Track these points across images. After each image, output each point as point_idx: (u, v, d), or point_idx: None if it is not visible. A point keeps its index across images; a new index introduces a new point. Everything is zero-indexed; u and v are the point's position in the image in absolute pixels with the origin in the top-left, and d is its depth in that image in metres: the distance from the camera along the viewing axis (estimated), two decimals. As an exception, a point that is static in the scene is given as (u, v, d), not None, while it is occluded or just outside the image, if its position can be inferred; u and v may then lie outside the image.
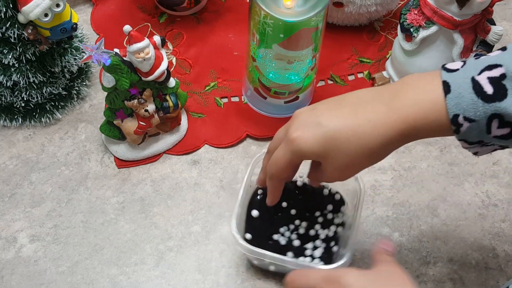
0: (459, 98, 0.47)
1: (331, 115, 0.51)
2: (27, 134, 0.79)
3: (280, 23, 0.67)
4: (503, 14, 0.94)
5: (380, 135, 0.49)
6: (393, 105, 0.49)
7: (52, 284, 0.67)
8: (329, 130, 0.50)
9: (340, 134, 0.50)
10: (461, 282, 0.69)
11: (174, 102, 0.74)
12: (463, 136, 0.48)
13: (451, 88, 0.47)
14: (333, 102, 0.53)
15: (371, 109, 0.50)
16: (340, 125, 0.50)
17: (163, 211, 0.73)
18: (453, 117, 0.47)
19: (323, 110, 0.52)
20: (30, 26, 0.69)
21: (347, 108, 0.51)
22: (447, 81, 0.48)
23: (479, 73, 0.47)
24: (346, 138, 0.50)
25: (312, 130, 0.51)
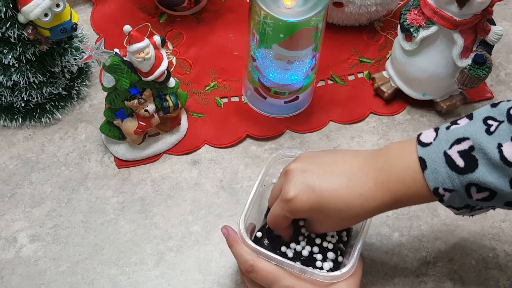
0: (436, 173, 0.51)
1: (324, 181, 0.55)
2: (27, 134, 0.79)
3: (280, 23, 0.67)
4: (503, 14, 0.94)
5: (369, 208, 0.55)
6: (379, 181, 0.54)
7: (52, 284, 0.68)
8: (323, 197, 0.55)
9: (333, 204, 0.55)
10: (461, 282, 0.69)
11: (174, 102, 0.74)
12: (448, 203, 0.53)
13: (427, 164, 0.51)
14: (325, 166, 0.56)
15: (361, 184, 0.54)
16: (333, 195, 0.55)
17: (163, 211, 0.73)
18: (434, 190, 0.52)
19: (316, 174, 0.56)
20: (30, 26, 0.69)
21: (340, 177, 0.55)
22: (423, 157, 0.52)
23: (449, 147, 0.51)
24: (338, 209, 0.55)
25: (307, 194, 0.55)
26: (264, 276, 0.57)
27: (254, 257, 0.58)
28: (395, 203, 0.54)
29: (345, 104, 0.83)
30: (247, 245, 0.59)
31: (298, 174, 0.56)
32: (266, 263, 0.58)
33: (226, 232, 0.61)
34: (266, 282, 0.57)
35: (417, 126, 0.82)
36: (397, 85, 0.82)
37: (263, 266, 0.57)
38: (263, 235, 0.63)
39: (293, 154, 0.65)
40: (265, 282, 0.57)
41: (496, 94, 0.85)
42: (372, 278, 0.69)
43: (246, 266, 0.58)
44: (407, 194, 0.53)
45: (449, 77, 0.77)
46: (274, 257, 0.58)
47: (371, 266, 0.70)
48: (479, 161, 0.49)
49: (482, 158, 0.49)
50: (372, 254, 0.70)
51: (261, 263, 0.58)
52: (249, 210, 0.61)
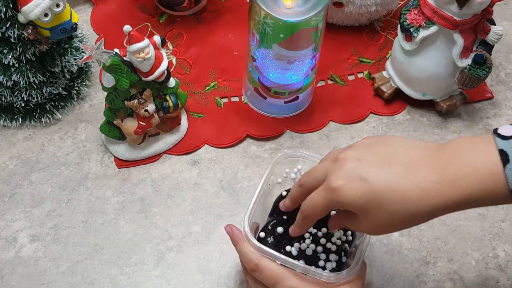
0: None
1: (379, 172, 0.49)
2: (27, 134, 0.79)
3: (280, 23, 0.67)
4: (503, 14, 0.94)
5: (429, 204, 0.47)
6: (446, 174, 0.47)
7: (52, 284, 0.68)
8: (376, 188, 0.48)
9: (387, 195, 0.48)
10: (461, 282, 0.69)
11: (174, 102, 0.74)
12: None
13: (510, 157, 0.45)
14: (381, 156, 0.50)
15: (423, 175, 0.48)
16: (389, 186, 0.48)
17: (163, 211, 0.73)
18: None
19: (371, 163, 0.50)
20: (30, 26, 0.69)
21: (397, 168, 0.48)
22: (504, 150, 0.45)
23: None
24: (394, 201, 0.48)
25: (358, 184, 0.49)
26: (268, 275, 0.57)
27: (259, 256, 0.57)
28: (463, 201, 0.46)
29: (345, 104, 0.83)
30: (252, 244, 0.58)
31: (351, 162, 0.50)
32: (270, 262, 0.57)
33: (230, 230, 0.60)
34: (270, 281, 0.57)
35: (417, 126, 0.82)
36: (397, 85, 0.82)
37: (267, 265, 0.57)
38: (266, 234, 0.63)
39: (298, 154, 0.65)
40: (269, 282, 0.57)
41: (496, 94, 0.85)
42: (372, 278, 0.69)
43: (250, 265, 0.57)
44: (480, 191, 0.46)
45: (449, 77, 0.77)
46: (278, 256, 0.57)
47: (371, 266, 0.70)
48: None
49: None
50: (372, 254, 0.70)
51: (266, 262, 0.57)
52: (253, 209, 0.61)
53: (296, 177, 0.67)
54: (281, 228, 0.63)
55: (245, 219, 0.60)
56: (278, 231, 0.63)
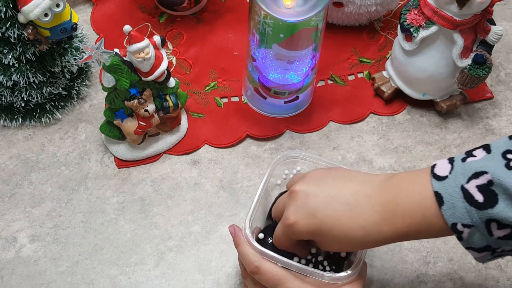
0: (453, 208, 0.49)
1: (327, 210, 0.54)
2: (27, 134, 0.79)
3: (280, 23, 0.67)
4: (503, 14, 0.94)
5: (370, 241, 0.53)
6: (385, 215, 0.52)
7: (52, 284, 0.67)
8: (323, 225, 0.54)
9: (333, 232, 0.54)
10: (461, 282, 0.69)
11: (174, 102, 0.74)
12: (467, 243, 0.50)
13: (444, 199, 0.49)
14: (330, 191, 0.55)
15: (365, 215, 0.53)
16: (334, 224, 0.54)
17: (163, 211, 0.73)
18: (452, 225, 0.49)
19: (320, 200, 0.54)
20: (30, 26, 0.69)
21: (342, 206, 0.54)
22: (439, 192, 0.49)
23: (467, 181, 0.49)
24: (338, 237, 0.54)
25: (307, 219, 0.54)
26: (270, 277, 0.57)
27: (260, 258, 0.58)
28: (400, 237, 0.52)
29: (345, 104, 0.83)
30: (253, 246, 0.59)
31: (301, 197, 0.55)
32: (271, 265, 0.58)
33: (234, 231, 0.61)
34: (271, 284, 0.57)
35: (417, 126, 0.82)
36: (397, 85, 0.82)
37: (268, 268, 0.57)
38: (265, 235, 0.63)
39: (297, 155, 0.65)
40: (270, 284, 0.57)
41: (496, 94, 0.85)
42: (372, 278, 0.69)
43: (251, 267, 0.58)
44: (416, 229, 0.51)
45: (449, 77, 0.77)
46: (280, 259, 0.58)
47: (371, 266, 0.70)
48: (499, 196, 0.47)
49: (502, 193, 0.47)
50: (372, 254, 0.70)
51: (267, 264, 0.58)
52: (254, 211, 0.61)
53: None
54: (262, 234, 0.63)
55: (246, 222, 0.60)
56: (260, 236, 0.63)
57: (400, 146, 0.79)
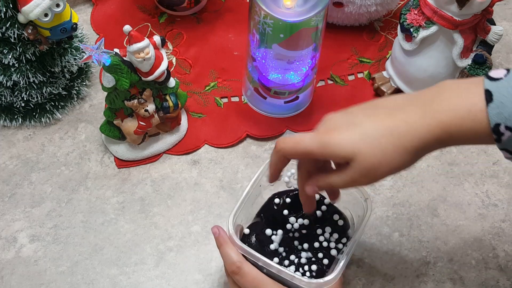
0: (501, 108, 0.46)
1: (366, 116, 0.51)
2: (27, 134, 0.79)
3: (280, 23, 0.67)
4: (503, 14, 0.94)
5: (415, 136, 0.49)
6: (429, 109, 0.49)
7: (52, 284, 0.68)
8: (365, 128, 0.50)
9: (376, 132, 0.50)
10: (461, 282, 0.69)
11: (174, 102, 0.74)
12: (504, 145, 0.48)
13: (493, 97, 0.47)
14: (367, 105, 0.53)
15: (408, 111, 0.50)
16: (376, 124, 0.50)
17: (163, 211, 0.73)
18: (495, 126, 0.47)
19: (358, 112, 0.52)
20: (30, 26, 0.69)
21: (383, 110, 0.51)
22: (490, 90, 0.47)
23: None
24: (382, 135, 0.49)
25: (347, 128, 0.50)
26: (249, 280, 0.57)
27: (241, 260, 0.58)
28: (444, 135, 0.48)
29: (345, 104, 0.83)
30: (236, 244, 0.59)
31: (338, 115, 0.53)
32: (252, 268, 0.58)
33: (217, 232, 0.61)
34: (249, 287, 0.57)
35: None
36: (397, 85, 0.82)
37: (248, 270, 0.58)
38: (251, 232, 0.63)
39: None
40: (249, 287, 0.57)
41: (496, 94, 0.85)
42: (372, 278, 0.69)
43: (232, 267, 0.58)
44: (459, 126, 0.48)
45: (449, 77, 0.77)
46: (261, 258, 0.58)
47: (371, 266, 0.70)
48: None
49: None
50: (372, 254, 0.70)
51: (248, 267, 0.58)
52: (240, 209, 0.61)
53: (289, 180, 0.67)
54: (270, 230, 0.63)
55: (229, 219, 0.60)
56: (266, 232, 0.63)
57: (400, 146, 0.79)
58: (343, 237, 0.65)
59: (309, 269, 0.62)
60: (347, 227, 0.66)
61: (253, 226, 0.64)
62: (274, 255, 0.63)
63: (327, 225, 0.65)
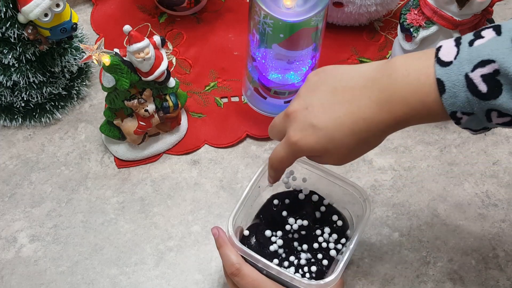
0: (454, 98, 0.47)
1: (326, 115, 0.53)
2: (27, 134, 0.79)
3: (280, 23, 0.67)
4: (503, 14, 0.94)
5: (375, 131, 0.52)
6: (384, 102, 0.51)
7: (52, 284, 0.68)
8: (327, 131, 0.52)
9: (338, 133, 0.52)
10: (461, 282, 0.69)
11: (174, 102, 0.74)
12: (465, 126, 0.49)
13: (446, 88, 0.47)
14: (326, 97, 0.53)
15: (363, 107, 0.51)
16: (337, 126, 0.52)
17: (163, 211, 0.73)
18: (451, 113, 0.48)
19: (318, 109, 0.53)
20: (30, 26, 0.69)
21: (341, 106, 0.52)
22: (441, 79, 0.47)
23: (472, 70, 0.46)
24: (344, 135, 0.52)
25: (311, 133, 0.53)
26: (249, 282, 0.57)
27: (241, 261, 0.58)
28: (400, 123, 0.51)
29: (345, 104, 0.83)
30: (235, 246, 0.59)
31: (300, 113, 0.54)
32: (251, 269, 0.58)
33: (217, 233, 0.61)
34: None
35: (417, 126, 0.81)
36: (397, 85, 0.82)
37: (248, 272, 0.58)
38: (250, 233, 0.63)
39: None
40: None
41: (496, 94, 0.85)
42: (372, 278, 0.69)
43: (231, 269, 0.58)
44: (416, 115, 0.50)
45: (449, 77, 0.77)
46: (260, 260, 0.58)
47: (371, 266, 0.70)
48: (504, 86, 0.45)
49: (507, 83, 0.45)
50: (372, 254, 0.70)
51: (247, 269, 0.58)
52: (239, 210, 0.61)
53: (288, 181, 0.67)
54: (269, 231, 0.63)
55: (229, 220, 0.60)
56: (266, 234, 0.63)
57: (400, 146, 0.79)
58: (342, 237, 0.65)
59: (309, 271, 0.62)
60: (346, 228, 0.66)
61: (252, 228, 0.64)
62: (273, 256, 0.63)
63: (326, 225, 0.65)
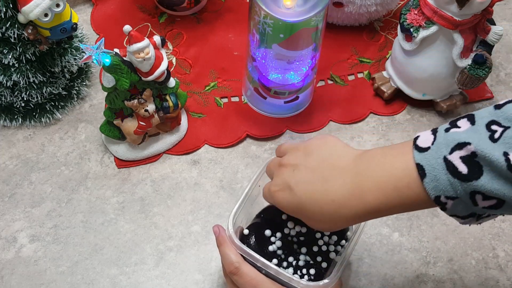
0: (436, 181, 0.47)
1: (305, 185, 0.54)
2: (27, 134, 0.79)
3: (280, 23, 0.67)
4: (503, 14, 0.94)
5: (342, 215, 0.52)
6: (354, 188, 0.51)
7: (52, 284, 0.68)
8: (300, 200, 0.54)
9: (308, 206, 0.54)
10: (461, 282, 0.69)
11: (174, 102, 0.74)
12: (451, 212, 0.48)
13: (426, 171, 0.47)
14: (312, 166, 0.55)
15: (336, 188, 0.52)
16: (309, 199, 0.54)
17: (163, 211, 0.73)
18: (435, 198, 0.47)
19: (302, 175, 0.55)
20: (30, 26, 0.69)
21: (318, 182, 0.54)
22: (421, 164, 0.47)
23: (450, 152, 0.46)
24: (314, 211, 0.54)
25: (287, 193, 0.55)
26: (247, 281, 0.57)
27: (240, 260, 0.58)
28: (371, 212, 0.51)
29: (345, 104, 0.83)
30: (235, 245, 0.59)
31: (287, 171, 0.56)
32: (250, 268, 0.58)
33: (218, 231, 0.61)
34: (248, 287, 0.57)
35: (417, 126, 0.82)
36: (397, 85, 0.82)
37: (247, 271, 0.58)
38: (250, 232, 0.63)
39: None
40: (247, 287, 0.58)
41: (496, 94, 0.85)
42: (372, 278, 0.69)
43: (231, 267, 0.58)
44: (387, 203, 0.50)
45: (449, 77, 0.77)
46: (259, 259, 0.58)
47: (371, 266, 0.70)
48: (484, 167, 0.45)
49: (486, 165, 0.45)
50: (372, 254, 0.70)
51: (246, 267, 0.58)
52: (239, 210, 0.61)
53: None
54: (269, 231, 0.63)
55: (229, 219, 0.60)
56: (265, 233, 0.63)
57: (400, 146, 0.79)
58: (342, 239, 0.65)
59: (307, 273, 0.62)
60: (346, 229, 0.66)
61: (252, 227, 0.64)
62: (273, 256, 0.63)
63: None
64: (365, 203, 0.51)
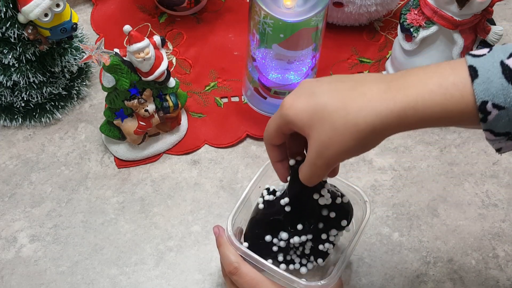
0: (488, 84, 0.42)
1: (329, 87, 0.47)
2: (27, 134, 0.79)
3: (280, 23, 0.67)
4: (503, 14, 0.94)
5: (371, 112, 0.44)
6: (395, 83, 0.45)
7: (52, 284, 0.68)
8: (320, 100, 0.46)
9: (329, 105, 0.46)
10: (461, 282, 0.69)
11: (174, 102, 0.74)
12: (489, 125, 0.43)
13: (479, 73, 0.42)
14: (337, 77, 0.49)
15: (371, 85, 0.45)
16: (332, 97, 0.46)
17: (163, 211, 0.73)
18: (481, 103, 0.42)
19: (324, 82, 0.48)
20: (30, 26, 0.69)
21: (347, 83, 0.47)
22: (474, 66, 0.43)
23: (508, 57, 0.43)
24: (334, 110, 0.45)
25: (305, 98, 0.47)
26: (247, 280, 0.57)
27: (239, 260, 0.58)
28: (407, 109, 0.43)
29: (345, 104, 0.83)
30: (234, 245, 0.59)
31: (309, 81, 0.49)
32: (250, 268, 0.58)
33: (217, 232, 0.61)
34: (247, 287, 0.57)
35: (417, 126, 0.82)
36: (397, 85, 0.82)
37: (246, 270, 0.57)
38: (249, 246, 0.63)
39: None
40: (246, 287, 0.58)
41: (496, 94, 0.85)
42: (372, 278, 0.69)
43: (230, 268, 0.58)
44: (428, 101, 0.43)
45: (449, 77, 0.77)
46: (259, 260, 0.58)
47: (371, 266, 0.70)
48: None
49: None
50: (372, 254, 0.70)
51: (245, 267, 0.58)
52: (238, 210, 0.61)
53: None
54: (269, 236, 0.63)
55: (228, 220, 0.60)
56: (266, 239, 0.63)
57: (400, 146, 0.79)
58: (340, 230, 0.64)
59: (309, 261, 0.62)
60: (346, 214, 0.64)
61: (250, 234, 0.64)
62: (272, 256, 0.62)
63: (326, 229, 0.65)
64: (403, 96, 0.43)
